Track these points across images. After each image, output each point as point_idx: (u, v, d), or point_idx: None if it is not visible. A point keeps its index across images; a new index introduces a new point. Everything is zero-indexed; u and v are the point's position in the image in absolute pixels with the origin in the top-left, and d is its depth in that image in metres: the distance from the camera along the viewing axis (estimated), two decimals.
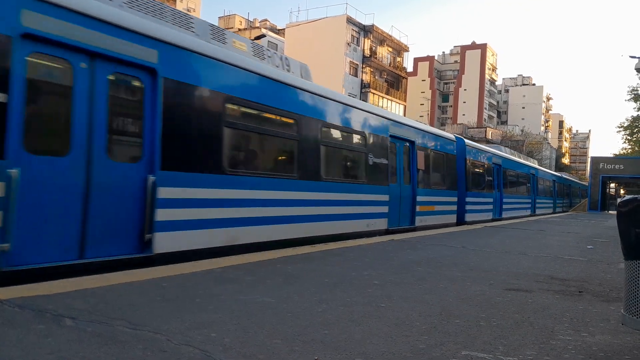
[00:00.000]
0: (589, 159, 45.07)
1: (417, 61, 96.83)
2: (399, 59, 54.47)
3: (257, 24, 67.15)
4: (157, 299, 3.70)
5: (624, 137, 50.92)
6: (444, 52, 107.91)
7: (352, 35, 47.31)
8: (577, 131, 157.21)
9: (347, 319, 3.40)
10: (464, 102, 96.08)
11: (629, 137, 50.31)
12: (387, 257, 6.64)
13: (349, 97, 10.01)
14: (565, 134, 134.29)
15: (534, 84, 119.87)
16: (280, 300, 3.87)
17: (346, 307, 3.73)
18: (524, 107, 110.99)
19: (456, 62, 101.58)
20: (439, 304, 4.01)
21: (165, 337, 2.81)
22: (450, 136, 15.07)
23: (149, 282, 4.28)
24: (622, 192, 56.03)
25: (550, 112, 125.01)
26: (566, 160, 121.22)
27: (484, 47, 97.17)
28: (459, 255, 7.26)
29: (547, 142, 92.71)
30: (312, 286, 4.47)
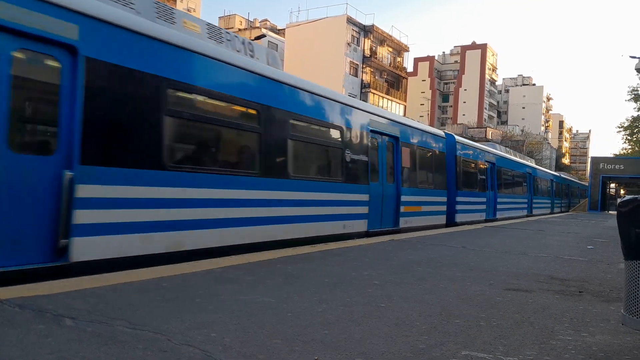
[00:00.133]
0: (589, 159, 45.08)
1: (417, 61, 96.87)
2: (399, 59, 54.49)
3: (258, 24, 67.16)
4: (157, 299, 3.70)
5: (624, 137, 51.02)
6: (444, 52, 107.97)
7: (352, 35, 47.32)
8: (577, 131, 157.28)
9: (347, 319, 3.40)
10: (464, 102, 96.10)
11: (629, 137, 50.36)
12: (387, 257, 6.64)
13: (323, 87, 9.18)
14: (565, 134, 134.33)
15: (534, 84, 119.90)
16: (280, 300, 3.87)
17: (346, 307, 3.73)
18: (524, 107, 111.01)
19: (456, 62, 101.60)
20: (439, 304, 4.01)
21: (165, 337, 2.81)
22: (439, 132, 14.40)
23: (148, 282, 4.28)
24: (622, 192, 56.07)
25: (550, 112, 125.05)
26: (566, 160, 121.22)
27: (484, 47, 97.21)
28: (459, 255, 7.26)
29: (547, 142, 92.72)
30: (312, 286, 4.47)
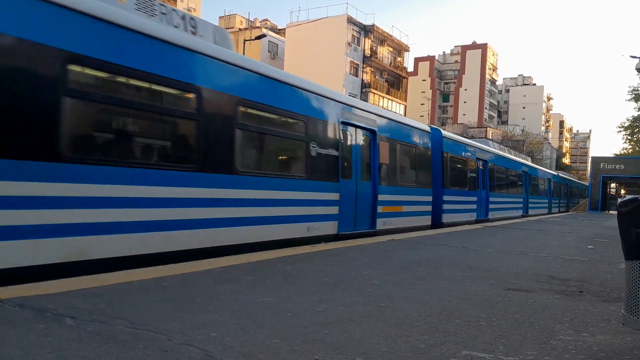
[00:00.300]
0: (590, 159, 45.07)
1: (417, 61, 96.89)
2: (399, 59, 54.48)
3: (258, 24, 67.14)
4: (157, 299, 3.70)
5: (625, 137, 51.09)
6: (444, 52, 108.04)
7: (352, 35, 47.31)
8: (577, 131, 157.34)
9: (347, 319, 3.40)
10: (465, 102, 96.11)
11: (630, 137, 50.42)
12: (386, 257, 6.64)
13: (282, 71, 8.22)
14: (565, 134, 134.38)
15: (535, 84, 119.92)
16: (280, 300, 3.87)
17: (346, 307, 3.73)
18: (524, 107, 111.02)
19: (457, 62, 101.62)
20: (439, 303, 4.01)
21: (165, 336, 2.81)
22: (423, 127, 13.35)
23: (149, 282, 4.28)
24: (622, 192, 56.06)
25: (550, 112, 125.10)
26: (567, 160, 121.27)
27: (484, 47, 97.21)
28: (459, 255, 7.25)
29: (548, 142, 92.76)
30: (312, 286, 4.47)
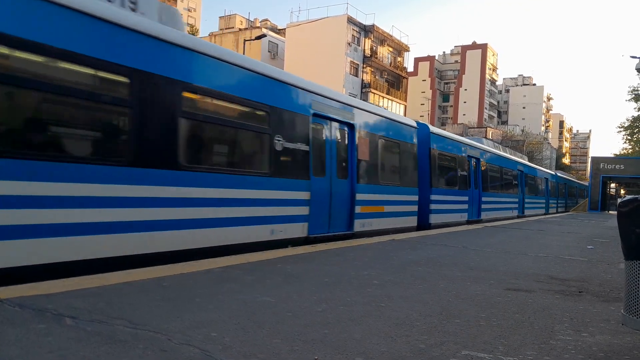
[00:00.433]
0: (590, 159, 45.08)
1: (417, 61, 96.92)
2: (399, 59, 54.49)
3: (258, 24, 67.18)
4: (157, 299, 3.70)
5: (625, 137, 51.13)
6: (444, 52, 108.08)
7: (352, 35, 47.31)
8: (577, 131, 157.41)
9: (347, 319, 3.40)
10: (465, 102, 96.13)
11: (630, 137, 50.46)
12: (386, 257, 6.64)
13: (240, 55, 7.28)
14: (565, 134, 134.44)
15: (535, 84, 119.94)
16: (280, 299, 3.87)
17: (346, 307, 3.73)
18: (524, 107, 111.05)
19: (457, 62, 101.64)
20: (438, 303, 4.01)
21: (165, 336, 2.81)
22: (409, 121, 12.53)
23: (148, 282, 4.28)
24: (622, 192, 56.08)
25: (550, 112, 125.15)
26: (567, 160, 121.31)
27: (484, 47, 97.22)
28: (459, 255, 7.25)
29: (548, 142, 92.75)
30: (312, 286, 4.47)
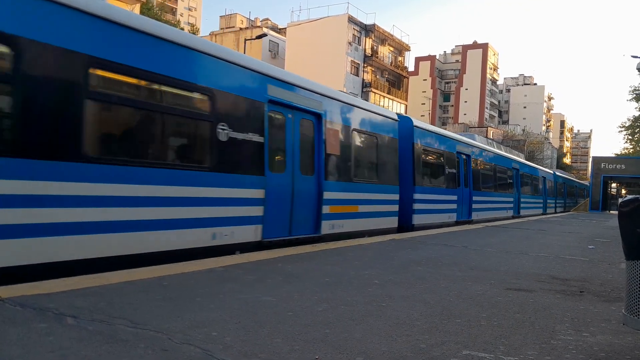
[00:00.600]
0: (591, 159, 45.04)
1: (418, 60, 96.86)
2: (400, 59, 54.47)
3: (259, 23, 67.20)
4: (157, 298, 3.71)
5: (626, 137, 51.11)
6: (445, 52, 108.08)
7: (353, 34, 47.29)
8: (578, 131, 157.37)
9: (348, 318, 3.40)
10: (465, 102, 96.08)
11: (631, 137, 50.44)
12: (387, 257, 6.64)
13: (175, 29, 6.30)
14: (566, 134, 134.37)
15: (536, 84, 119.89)
16: (280, 299, 3.87)
17: (347, 307, 3.73)
18: (525, 107, 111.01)
19: (457, 61, 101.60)
20: (439, 303, 4.01)
21: (166, 335, 2.81)
22: (389, 113, 11.47)
23: (149, 281, 4.28)
24: (623, 192, 56.00)
25: (551, 111, 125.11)
26: (568, 160, 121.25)
27: (485, 47, 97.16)
28: (460, 254, 7.25)
29: (549, 142, 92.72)
30: (313, 285, 4.48)
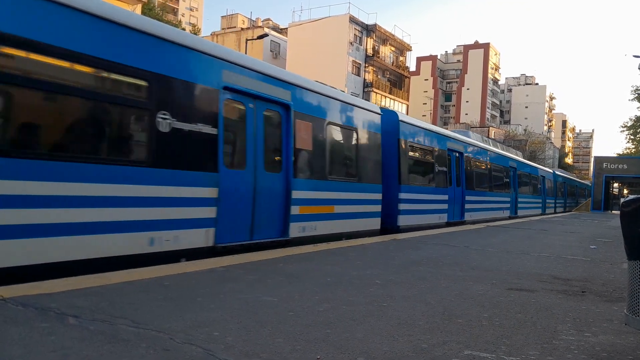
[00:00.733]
0: (592, 159, 44.98)
1: (419, 60, 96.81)
2: (401, 59, 54.46)
3: (260, 24, 67.22)
4: (159, 298, 3.71)
5: (628, 136, 51.05)
6: (446, 52, 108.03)
7: (354, 34, 47.29)
8: (580, 131, 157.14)
9: (349, 318, 3.40)
10: (467, 102, 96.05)
11: (633, 137, 50.35)
12: (388, 257, 6.64)
13: (101, 2, 5.27)
14: (568, 134, 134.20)
15: (537, 84, 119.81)
16: (281, 299, 3.87)
17: (348, 306, 3.73)
18: (527, 107, 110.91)
19: (459, 61, 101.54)
20: (441, 303, 4.00)
21: (167, 335, 2.81)
22: (371, 106, 10.52)
23: (150, 281, 4.29)
24: (625, 192, 55.94)
25: (553, 111, 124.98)
26: (569, 159, 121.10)
27: (486, 47, 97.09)
28: (461, 254, 7.24)
29: (550, 142, 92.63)
30: (314, 285, 4.47)
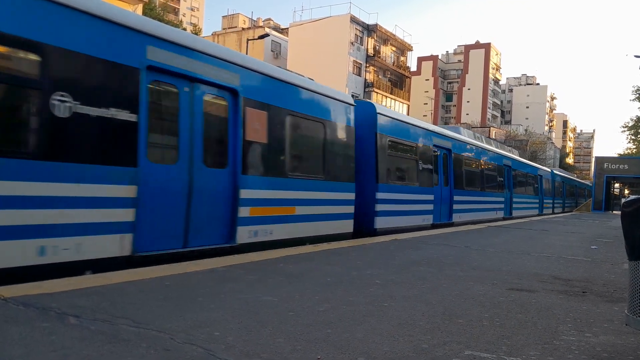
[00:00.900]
0: (593, 159, 44.97)
1: (420, 60, 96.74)
2: (402, 59, 54.42)
3: (261, 24, 67.20)
4: (159, 298, 3.71)
5: (629, 137, 50.99)
6: (447, 52, 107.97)
7: (355, 34, 47.28)
8: (581, 131, 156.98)
9: (350, 318, 3.40)
10: (468, 102, 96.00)
11: (634, 137, 50.30)
12: (388, 257, 6.63)
13: None
14: (569, 134, 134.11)
15: (538, 84, 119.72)
16: (282, 299, 3.87)
17: (348, 307, 3.73)
18: (527, 107, 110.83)
19: (460, 61, 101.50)
20: (441, 303, 4.00)
21: (168, 335, 2.82)
22: (342, 96, 9.50)
23: (151, 281, 4.29)
24: (626, 192, 55.90)
25: (554, 111, 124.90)
26: (570, 160, 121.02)
27: (487, 47, 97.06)
28: (462, 254, 7.24)
29: (551, 142, 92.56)
30: (314, 285, 4.47)
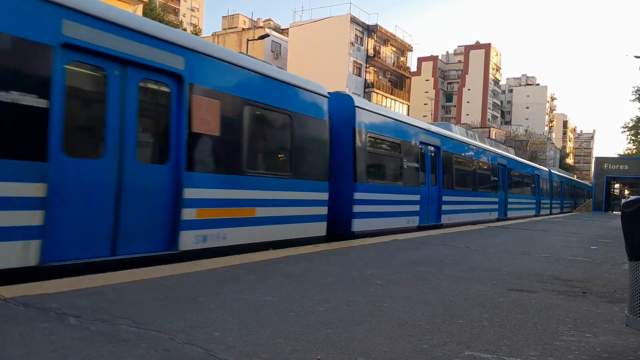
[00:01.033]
0: (593, 159, 44.99)
1: (420, 61, 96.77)
2: (402, 59, 54.44)
3: (261, 24, 67.19)
4: (159, 298, 3.71)
5: (629, 137, 51.00)
6: (447, 52, 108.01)
7: (355, 35, 47.30)
8: (581, 131, 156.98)
9: (350, 319, 3.40)
10: (468, 102, 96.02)
11: (634, 138, 50.32)
12: (389, 257, 6.63)
13: None
14: (569, 134, 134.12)
15: (538, 84, 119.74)
16: (282, 299, 3.87)
17: (348, 307, 3.73)
18: (528, 107, 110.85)
19: (460, 61, 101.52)
20: (441, 304, 4.00)
21: (168, 335, 2.82)
22: (313, 86, 8.52)
23: (151, 281, 4.29)
24: (626, 192, 55.88)
25: (554, 112, 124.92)
26: (570, 160, 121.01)
27: (487, 47, 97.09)
28: (462, 255, 7.24)
29: (551, 142, 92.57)
30: (314, 285, 4.47)
